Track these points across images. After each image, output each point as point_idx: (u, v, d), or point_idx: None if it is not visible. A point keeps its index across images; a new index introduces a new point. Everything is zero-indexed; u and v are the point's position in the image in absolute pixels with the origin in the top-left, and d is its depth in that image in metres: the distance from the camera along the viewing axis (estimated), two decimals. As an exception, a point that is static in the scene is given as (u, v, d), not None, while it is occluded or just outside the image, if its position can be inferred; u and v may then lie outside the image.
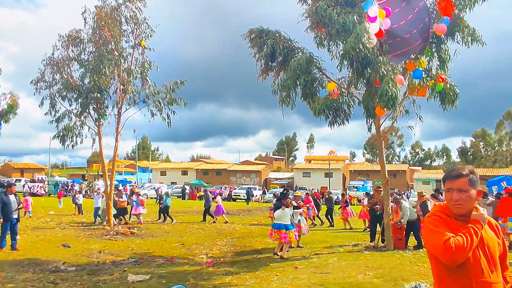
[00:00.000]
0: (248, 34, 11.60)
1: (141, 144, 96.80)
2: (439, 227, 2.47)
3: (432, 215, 2.60)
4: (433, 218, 2.56)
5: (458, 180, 2.51)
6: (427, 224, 2.58)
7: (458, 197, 2.49)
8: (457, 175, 2.53)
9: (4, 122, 22.35)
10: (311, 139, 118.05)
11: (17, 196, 11.71)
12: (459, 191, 2.49)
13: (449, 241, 2.34)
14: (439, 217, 2.54)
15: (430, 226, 2.53)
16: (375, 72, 9.67)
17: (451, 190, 2.53)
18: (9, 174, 66.71)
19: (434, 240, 2.44)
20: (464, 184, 2.49)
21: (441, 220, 2.52)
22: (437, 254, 2.42)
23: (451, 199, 2.53)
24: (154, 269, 8.90)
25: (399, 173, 65.92)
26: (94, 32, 16.43)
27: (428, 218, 2.61)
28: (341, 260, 10.08)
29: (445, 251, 2.33)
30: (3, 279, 7.66)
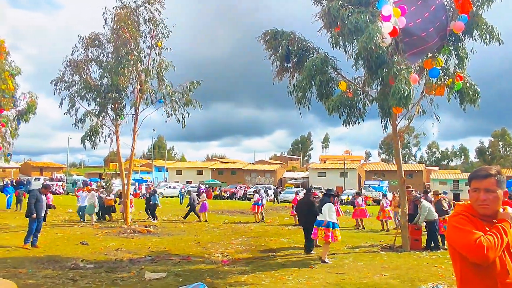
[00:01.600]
0: (263, 36, 11.63)
1: (157, 144, 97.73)
2: (467, 226, 2.43)
3: (458, 214, 2.56)
4: (459, 218, 2.52)
5: (486, 180, 2.46)
6: (454, 223, 2.53)
7: (485, 197, 2.45)
8: (485, 175, 2.48)
9: (24, 121, 22.86)
10: (326, 139, 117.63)
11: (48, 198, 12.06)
12: (486, 191, 2.44)
13: (481, 240, 2.30)
14: (466, 217, 2.50)
15: (458, 225, 2.48)
16: (389, 71, 9.59)
17: (477, 190, 2.48)
18: (28, 173, 68.13)
19: (464, 239, 2.39)
20: (492, 184, 2.44)
21: (467, 219, 2.48)
22: (468, 253, 2.37)
23: (478, 199, 2.48)
24: (171, 267, 9.00)
25: (416, 173, 65.08)
26: (113, 33, 16.67)
27: (454, 218, 2.56)
28: (357, 260, 10.03)
29: (477, 249, 2.29)
30: (24, 275, 7.85)
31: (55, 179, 52.51)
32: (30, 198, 11.36)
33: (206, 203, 20.25)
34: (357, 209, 18.52)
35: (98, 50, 17.18)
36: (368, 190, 44.92)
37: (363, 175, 67.84)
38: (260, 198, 20.28)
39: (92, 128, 16.81)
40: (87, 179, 52.13)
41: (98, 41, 17.07)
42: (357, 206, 18.62)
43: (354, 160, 77.46)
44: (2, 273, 7.91)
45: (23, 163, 78.69)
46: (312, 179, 66.25)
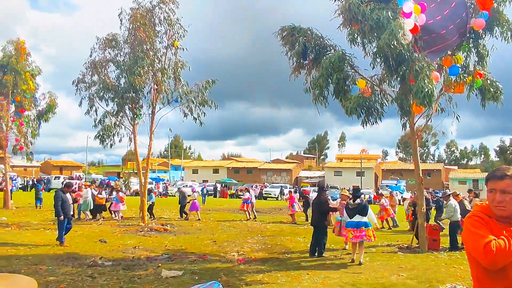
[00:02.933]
0: (280, 32, 11.57)
1: (174, 143, 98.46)
2: (480, 229, 2.38)
3: (473, 215, 2.51)
4: (473, 219, 2.47)
5: (502, 181, 2.39)
6: (467, 225, 2.49)
7: (501, 199, 2.38)
8: (501, 176, 2.40)
9: (44, 121, 23.33)
10: (342, 138, 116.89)
11: (72, 195, 12.33)
12: (502, 193, 2.38)
13: (490, 244, 2.25)
14: (480, 218, 2.45)
15: (471, 227, 2.43)
16: (409, 69, 9.45)
17: (494, 191, 2.42)
18: (49, 172, 69.48)
19: (474, 242, 2.35)
20: (508, 186, 2.37)
21: (482, 221, 2.43)
22: (477, 256, 2.33)
23: (494, 200, 2.42)
24: (187, 266, 9.07)
25: (434, 172, 64.20)
26: (129, 33, 16.85)
27: (469, 219, 2.52)
28: (373, 260, 9.94)
29: (486, 254, 2.25)
30: (45, 272, 8.01)
31: (74, 178, 53.38)
32: (56, 200, 11.54)
33: (196, 201, 20.18)
34: (382, 210, 18.45)
35: (115, 51, 17.38)
36: (385, 190, 44.43)
37: (380, 174, 67.17)
38: (250, 196, 20.50)
39: (106, 126, 17.00)
40: (105, 178, 52.95)
41: (115, 41, 17.27)
42: (383, 208, 18.58)
43: (371, 159, 76.69)
44: (23, 269, 8.10)
45: (44, 162, 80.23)
46: (328, 178, 65.87)
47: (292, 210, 19.77)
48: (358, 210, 9.59)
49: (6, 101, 21.84)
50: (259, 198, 43.10)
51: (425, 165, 66.21)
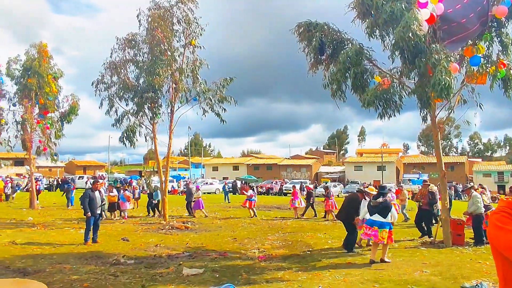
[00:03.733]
0: (297, 28, 11.48)
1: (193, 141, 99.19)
2: (509, 225, 2.28)
3: (500, 211, 2.40)
4: (501, 215, 2.36)
5: None
6: (495, 221, 2.38)
7: None
8: None
9: (66, 122, 23.80)
10: (362, 132, 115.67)
11: (101, 193, 12.55)
12: None
13: None
14: (508, 214, 2.35)
15: (499, 223, 2.33)
16: (427, 61, 9.23)
17: None
18: (73, 172, 71.04)
19: (505, 239, 2.25)
20: None
21: (510, 217, 2.33)
22: (509, 254, 2.23)
23: None
24: (208, 263, 9.11)
25: (457, 165, 62.90)
26: (148, 33, 16.99)
27: (496, 215, 2.41)
28: (396, 256, 9.78)
29: None
30: (69, 271, 8.16)
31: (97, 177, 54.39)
32: (83, 198, 11.86)
33: (200, 200, 20.19)
34: None
35: (135, 51, 17.56)
36: (407, 184, 43.79)
37: (402, 168, 66.23)
38: (253, 194, 20.52)
39: (129, 127, 17.24)
40: (127, 177, 53.78)
41: (134, 41, 17.45)
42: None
43: (391, 153, 75.65)
44: (48, 268, 8.28)
45: (68, 162, 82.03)
46: (348, 173, 65.37)
47: (292, 205, 20.11)
48: (378, 209, 9.30)
49: (30, 103, 22.37)
50: (279, 195, 43.10)
51: (448, 158, 64.99)
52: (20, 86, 22.59)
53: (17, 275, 7.66)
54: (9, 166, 60.70)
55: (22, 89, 22.42)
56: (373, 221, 9.20)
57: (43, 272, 8.00)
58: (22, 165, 58.75)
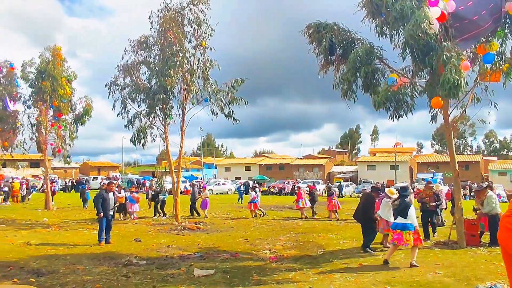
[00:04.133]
0: (306, 29, 11.44)
1: (206, 141, 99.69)
2: None
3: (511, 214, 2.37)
4: None
5: None
6: (506, 224, 2.34)
7: None
8: None
9: (80, 124, 24.12)
10: (375, 131, 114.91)
11: (115, 195, 12.70)
12: None
13: None
14: None
15: (510, 226, 2.30)
16: (438, 59, 9.11)
17: None
18: (87, 173, 71.90)
19: None
20: None
21: None
22: None
23: None
24: (219, 264, 9.14)
25: (472, 164, 61.93)
26: (159, 35, 17.12)
27: (508, 218, 2.38)
28: (408, 257, 9.64)
29: None
30: (82, 272, 8.27)
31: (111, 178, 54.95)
32: (97, 199, 12.03)
33: (207, 200, 20.17)
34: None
35: (147, 52, 17.71)
36: (421, 183, 43.29)
37: (415, 168, 65.51)
38: (256, 196, 20.54)
39: (140, 128, 17.39)
40: (140, 178, 54.24)
41: (146, 43, 17.59)
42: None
43: (405, 152, 74.91)
44: (62, 269, 8.40)
45: (83, 164, 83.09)
46: (361, 173, 64.93)
47: (297, 205, 20.11)
48: (399, 211, 9.13)
49: (44, 106, 22.72)
50: (292, 195, 42.97)
51: (462, 157, 64.11)
52: (34, 89, 22.98)
53: (31, 275, 7.79)
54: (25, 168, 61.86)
55: (37, 92, 22.81)
56: (396, 223, 9.06)
57: (56, 273, 8.12)
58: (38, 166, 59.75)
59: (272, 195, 44.06)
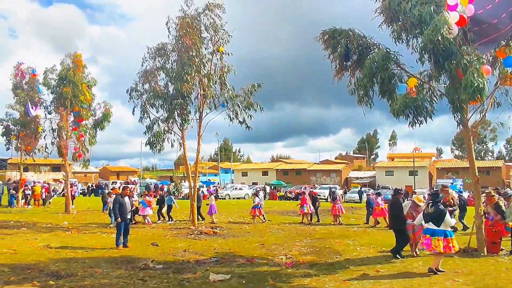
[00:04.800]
0: (321, 35, 11.41)
1: (223, 146, 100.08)
2: None
3: None
4: None
5: None
6: None
7: None
8: None
9: (100, 129, 24.52)
10: (393, 136, 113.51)
11: (131, 199, 12.90)
12: None
13: None
14: None
15: None
16: (458, 64, 8.98)
17: None
18: (107, 177, 72.93)
19: None
20: None
21: None
22: None
23: None
24: (235, 269, 9.15)
25: (493, 170, 60.59)
26: (177, 41, 17.33)
27: None
28: (427, 264, 9.49)
29: None
30: (100, 275, 8.38)
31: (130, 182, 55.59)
32: (113, 204, 12.25)
33: (214, 204, 20.07)
34: (377, 208, 18.94)
35: (164, 59, 17.94)
36: (440, 189, 42.47)
37: (435, 173, 64.41)
38: (260, 201, 20.55)
39: (156, 133, 17.58)
40: (158, 182, 54.73)
41: (164, 50, 17.83)
42: (377, 206, 18.99)
43: (424, 158, 73.79)
44: (80, 272, 8.53)
45: (102, 168, 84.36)
46: (379, 178, 64.19)
47: (301, 210, 20.18)
48: (432, 217, 8.91)
49: (65, 111, 23.19)
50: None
51: (483, 163, 62.81)
52: (56, 95, 23.48)
53: (50, 278, 7.94)
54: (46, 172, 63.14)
55: (58, 97, 23.30)
56: (427, 229, 8.94)
57: (75, 276, 8.25)
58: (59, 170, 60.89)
59: (289, 200, 43.90)
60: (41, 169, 62.82)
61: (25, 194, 27.89)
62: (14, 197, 26.89)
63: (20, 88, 24.62)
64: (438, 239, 8.65)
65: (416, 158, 62.50)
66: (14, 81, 24.93)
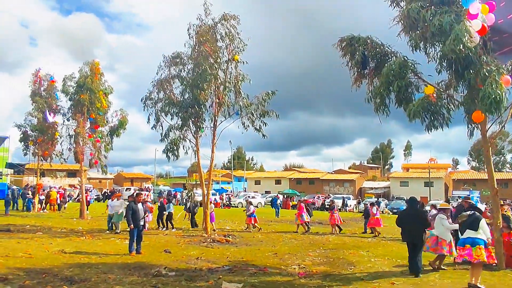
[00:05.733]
0: (339, 43, 11.42)
1: (236, 154, 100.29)
2: None
3: None
4: None
5: None
6: None
7: None
8: None
9: (115, 136, 24.79)
10: (408, 147, 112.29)
11: (144, 205, 12.97)
12: None
13: None
14: None
15: None
16: (476, 74, 8.85)
17: None
18: (121, 183, 73.55)
19: None
20: None
21: None
22: None
23: None
24: (247, 278, 9.07)
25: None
26: (193, 49, 17.51)
27: None
28: (443, 277, 9.31)
29: None
30: (113, 281, 8.38)
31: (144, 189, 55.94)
32: (127, 210, 12.37)
33: (213, 213, 19.85)
34: (372, 218, 19.14)
35: (180, 67, 18.12)
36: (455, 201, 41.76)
37: (451, 185, 63.35)
38: (254, 209, 20.50)
39: (173, 141, 17.71)
40: (172, 189, 54.98)
41: (180, 58, 18.01)
42: (372, 216, 19.20)
43: (440, 168, 72.74)
44: (94, 278, 8.55)
45: (116, 174, 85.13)
46: (393, 189, 63.42)
47: (301, 220, 20.19)
48: (468, 223, 8.45)
49: (82, 118, 23.54)
50: (321, 210, 42.37)
51: (501, 175, 61.56)
52: (73, 102, 23.88)
53: (64, 283, 7.98)
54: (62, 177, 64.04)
55: (75, 104, 23.68)
56: (464, 239, 8.46)
57: (88, 281, 8.27)
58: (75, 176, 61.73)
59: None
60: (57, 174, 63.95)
61: (39, 199, 28.28)
62: (31, 201, 27.30)
63: (39, 94, 25.08)
64: (480, 247, 8.24)
65: (431, 169, 61.69)
66: (32, 87, 25.42)
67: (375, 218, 19.16)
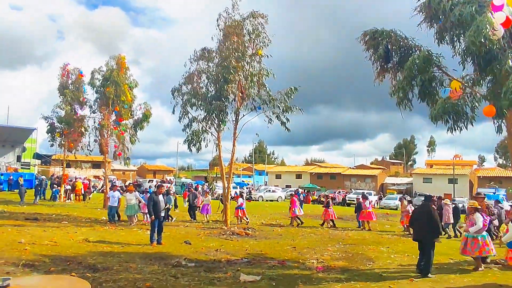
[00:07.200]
0: (362, 36, 11.27)
1: (258, 148, 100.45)
2: None
3: None
4: None
5: None
6: None
7: None
8: None
9: (139, 129, 25.23)
10: (432, 143, 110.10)
11: (165, 197, 13.22)
12: None
13: None
14: None
15: None
16: (500, 68, 8.61)
17: None
18: (144, 175, 74.87)
19: None
20: None
21: None
22: None
23: None
24: (265, 271, 9.16)
25: (539, 180, 57.40)
26: (221, 42, 17.67)
27: None
28: (464, 276, 9.18)
29: None
30: (134, 270, 8.61)
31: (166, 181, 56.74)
32: (148, 202, 12.61)
33: (208, 205, 20.17)
34: (364, 211, 19.18)
35: (207, 62, 18.33)
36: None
37: (476, 182, 61.87)
38: (243, 202, 20.42)
39: (194, 132, 17.93)
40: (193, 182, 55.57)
41: (208, 52, 18.23)
42: (364, 209, 19.23)
43: (465, 165, 71.02)
44: (116, 267, 8.80)
45: (140, 167, 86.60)
46: (416, 185, 62.36)
47: (292, 213, 20.29)
48: None
49: (107, 110, 24.03)
50: (342, 205, 42.13)
51: (529, 172, 59.61)
52: (99, 95, 24.38)
53: (87, 271, 8.24)
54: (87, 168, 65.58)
55: (101, 97, 24.18)
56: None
57: (110, 269, 8.52)
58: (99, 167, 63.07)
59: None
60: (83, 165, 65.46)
61: (65, 189, 29.07)
62: (58, 191, 28.12)
63: (66, 88, 25.69)
64: None
65: (456, 165, 60.36)
66: (60, 81, 26.05)
67: (367, 211, 19.25)
